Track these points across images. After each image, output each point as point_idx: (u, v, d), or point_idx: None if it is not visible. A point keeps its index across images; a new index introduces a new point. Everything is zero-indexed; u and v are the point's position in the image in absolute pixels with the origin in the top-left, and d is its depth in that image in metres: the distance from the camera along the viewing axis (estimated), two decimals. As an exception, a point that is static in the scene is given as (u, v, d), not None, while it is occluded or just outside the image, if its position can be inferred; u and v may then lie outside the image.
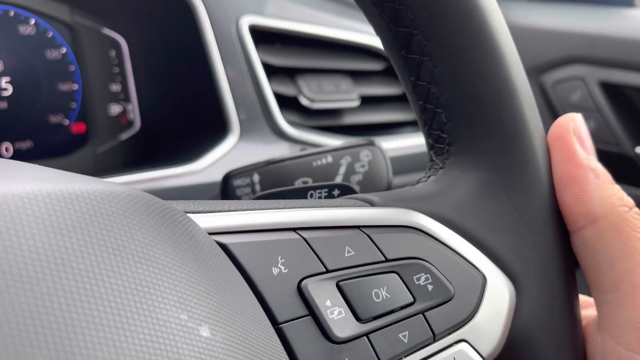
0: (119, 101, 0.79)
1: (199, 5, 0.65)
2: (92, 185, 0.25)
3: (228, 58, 0.67)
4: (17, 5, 0.68)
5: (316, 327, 0.29)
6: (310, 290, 0.29)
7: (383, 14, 0.35)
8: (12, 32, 0.69)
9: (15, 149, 0.71)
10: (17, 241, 0.20)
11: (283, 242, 0.31)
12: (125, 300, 0.21)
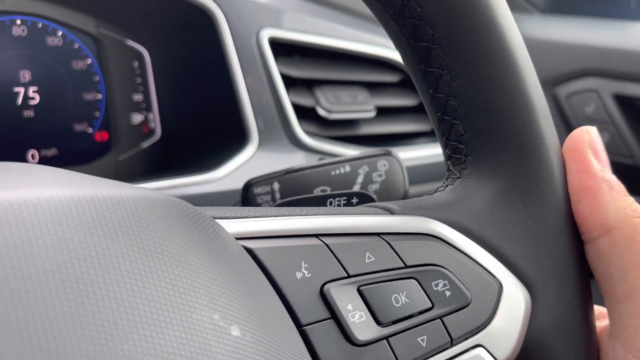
0: (140, 110, 0.81)
1: (220, 18, 0.67)
2: (129, 190, 0.27)
3: (248, 69, 0.69)
4: (45, 17, 0.71)
5: (338, 330, 0.30)
6: (333, 294, 0.30)
7: (403, 29, 0.37)
8: (40, 43, 0.71)
9: (41, 156, 0.74)
10: (64, 243, 0.22)
11: (306, 247, 0.32)
12: (163, 300, 0.23)
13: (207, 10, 0.67)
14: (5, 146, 0.71)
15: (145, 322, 0.22)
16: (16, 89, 0.70)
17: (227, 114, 0.71)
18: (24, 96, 0.71)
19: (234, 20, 0.68)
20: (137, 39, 0.78)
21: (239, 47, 0.69)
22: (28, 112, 0.72)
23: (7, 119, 0.70)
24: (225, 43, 0.68)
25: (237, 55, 0.69)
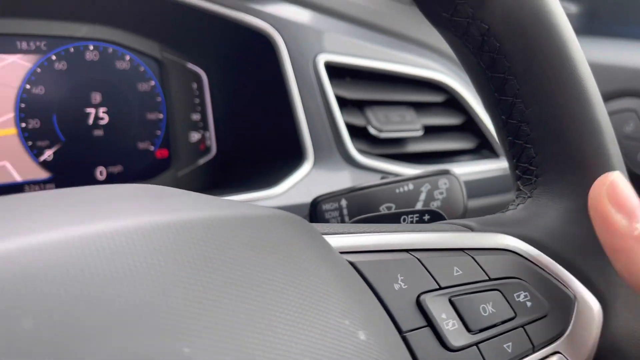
0: (198, 129, 0.85)
1: (280, 43, 0.72)
2: (267, 211, 0.31)
3: (305, 91, 0.73)
4: (115, 43, 0.76)
5: (434, 336, 0.33)
6: (428, 304, 0.34)
7: (480, 62, 0.40)
8: (110, 67, 0.76)
9: (108, 173, 0.78)
10: (235, 258, 0.26)
11: (400, 261, 0.35)
12: (306, 306, 0.26)
13: (268, 36, 0.71)
14: (78, 163, 0.75)
15: (292, 325, 0.26)
16: (88, 110, 0.75)
17: (285, 133, 0.75)
18: (94, 116, 0.76)
19: (293, 46, 0.72)
20: (197, 62, 0.83)
21: (297, 70, 0.73)
22: (98, 131, 0.76)
23: (80, 137, 0.75)
24: (284, 67, 0.72)
25: (295, 78, 0.73)
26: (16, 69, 0.69)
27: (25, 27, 0.69)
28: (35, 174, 0.72)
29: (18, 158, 0.71)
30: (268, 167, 0.78)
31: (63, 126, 0.73)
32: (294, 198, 0.72)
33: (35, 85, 0.70)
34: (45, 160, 0.73)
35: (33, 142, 0.71)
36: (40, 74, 0.71)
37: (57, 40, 0.71)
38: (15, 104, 0.69)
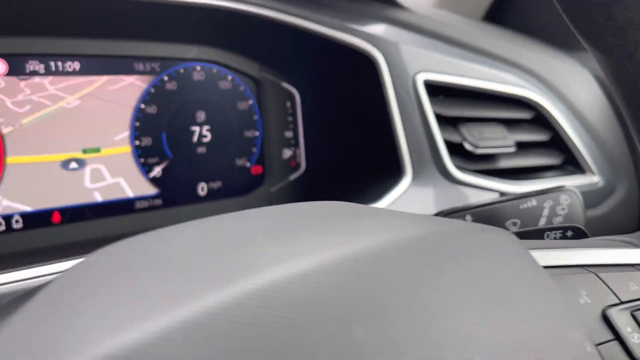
0: (290, 146, 0.87)
1: (382, 63, 0.74)
2: (473, 226, 0.32)
3: (404, 109, 0.75)
4: (219, 64, 0.79)
5: (622, 349, 0.34)
6: (614, 318, 0.35)
7: None
8: (214, 86, 0.79)
9: (208, 188, 0.81)
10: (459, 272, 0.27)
11: (581, 276, 0.36)
12: (552, 315, 0.28)
13: (370, 55, 0.73)
14: (182, 179, 0.78)
15: (536, 339, 0.27)
16: (193, 128, 0.78)
17: (383, 149, 0.77)
18: (198, 134, 0.79)
19: (393, 65, 0.74)
20: (291, 81, 0.86)
21: (396, 88, 0.75)
22: (201, 148, 0.79)
23: (185, 154, 0.78)
24: (385, 85, 0.74)
25: (395, 96, 0.74)
26: (133, 89, 0.72)
27: (142, 49, 0.72)
28: (145, 189, 0.75)
29: (131, 174, 0.74)
30: (365, 182, 0.80)
31: (171, 144, 0.76)
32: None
33: (149, 105, 0.74)
34: (155, 176, 0.76)
35: (144, 159, 0.74)
36: (153, 94, 0.74)
37: (170, 62, 0.75)
38: (131, 123, 0.73)
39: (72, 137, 0.68)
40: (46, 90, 0.66)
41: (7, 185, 0.65)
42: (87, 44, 0.68)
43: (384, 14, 0.78)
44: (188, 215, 0.78)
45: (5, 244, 0.65)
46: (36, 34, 0.65)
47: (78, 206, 0.70)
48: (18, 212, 0.66)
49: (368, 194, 0.77)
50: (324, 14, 0.72)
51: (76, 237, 0.69)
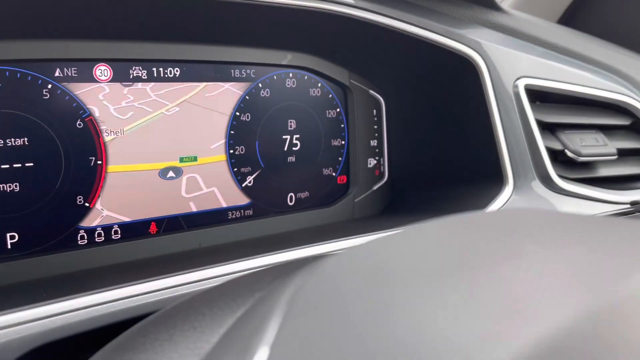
0: (374, 155, 0.85)
1: (483, 68, 0.71)
2: None
3: (505, 115, 0.72)
4: (310, 70, 0.77)
5: None
6: None
7: None
8: (304, 94, 0.77)
9: (296, 198, 0.78)
10: None
11: None
12: None
13: (472, 60, 0.71)
14: (273, 189, 0.76)
15: None
16: (284, 137, 0.76)
17: (481, 157, 0.74)
18: (289, 143, 0.76)
19: (494, 70, 0.72)
20: (378, 89, 0.83)
21: (497, 94, 0.72)
22: (291, 157, 0.77)
23: (276, 163, 0.75)
24: (486, 90, 0.71)
25: (496, 102, 0.71)
26: (229, 96, 0.70)
27: (239, 55, 0.70)
28: (238, 199, 0.73)
29: (225, 184, 0.72)
30: (460, 191, 0.76)
31: (263, 152, 0.74)
32: (500, 224, 0.70)
33: (244, 113, 0.72)
34: (247, 185, 0.73)
35: (238, 169, 0.72)
36: (248, 101, 0.72)
37: (264, 68, 0.73)
38: (227, 131, 0.71)
39: (170, 145, 0.66)
40: (148, 96, 0.64)
41: (107, 195, 0.63)
42: (186, 49, 0.66)
43: (485, 18, 0.76)
44: (277, 226, 0.76)
45: (106, 256, 0.63)
46: (139, 39, 0.63)
47: (174, 216, 0.68)
48: (117, 223, 0.64)
49: (466, 204, 0.74)
50: (424, 17, 0.70)
51: (171, 249, 0.67)
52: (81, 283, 0.54)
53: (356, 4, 0.65)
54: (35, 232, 0.59)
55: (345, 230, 0.73)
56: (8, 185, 0.57)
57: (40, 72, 0.58)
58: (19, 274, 0.57)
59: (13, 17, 0.53)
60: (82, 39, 0.60)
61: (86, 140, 0.61)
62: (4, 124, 0.56)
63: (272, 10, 0.62)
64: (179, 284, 0.53)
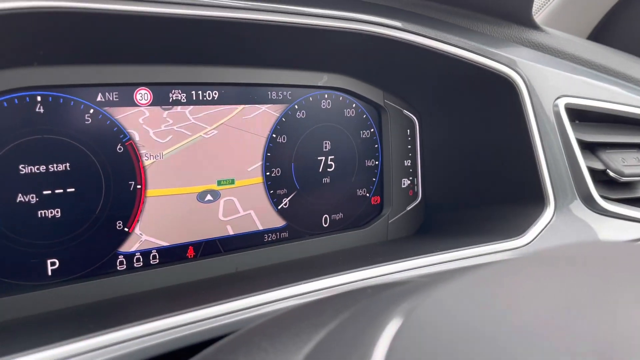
0: (408, 175, 0.84)
1: (522, 87, 0.70)
2: None
3: (545, 134, 0.70)
4: (345, 91, 0.76)
5: None
6: None
7: None
8: (340, 114, 0.76)
9: (330, 220, 0.77)
10: None
11: None
12: None
13: (511, 79, 0.70)
14: (308, 211, 0.75)
15: None
16: (319, 158, 0.75)
17: (521, 177, 0.72)
18: (323, 164, 0.76)
19: (533, 89, 0.70)
20: (411, 108, 0.82)
21: (537, 113, 0.70)
22: (325, 179, 0.76)
23: (311, 185, 0.75)
24: (526, 110, 0.70)
25: (536, 121, 0.70)
26: (266, 118, 0.70)
27: (276, 77, 0.70)
28: (274, 222, 0.72)
29: (261, 206, 0.71)
30: (498, 212, 0.75)
31: (299, 174, 0.73)
32: (542, 247, 0.68)
33: (280, 134, 0.71)
34: (282, 207, 0.72)
35: (274, 191, 0.71)
36: (284, 122, 0.71)
37: (300, 90, 0.72)
38: (263, 153, 0.70)
39: (208, 168, 0.66)
40: (187, 120, 0.64)
41: (146, 219, 0.62)
42: (224, 71, 0.66)
43: (522, 36, 0.75)
44: (312, 248, 0.75)
45: (144, 282, 0.62)
46: (178, 62, 0.63)
47: (211, 240, 0.67)
48: (155, 248, 0.63)
49: (505, 225, 0.72)
50: (461, 36, 0.69)
51: (209, 273, 0.66)
52: (124, 312, 0.53)
53: (403, 26, 0.65)
54: (76, 258, 0.59)
55: (381, 253, 0.72)
56: (50, 211, 0.56)
57: (82, 97, 0.58)
58: (59, 301, 0.56)
59: (56, 43, 0.53)
60: (123, 64, 0.60)
61: (126, 165, 0.61)
62: (47, 149, 0.56)
63: (311, 32, 0.62)
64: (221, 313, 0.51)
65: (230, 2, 0.54)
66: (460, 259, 0.65)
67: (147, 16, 0.50)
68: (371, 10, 0.64)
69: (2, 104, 0.53)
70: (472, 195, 0.80)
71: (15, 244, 0.55)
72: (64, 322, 0.51)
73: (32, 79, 0.54)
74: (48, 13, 0.46)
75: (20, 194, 0.54)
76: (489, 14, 0.75)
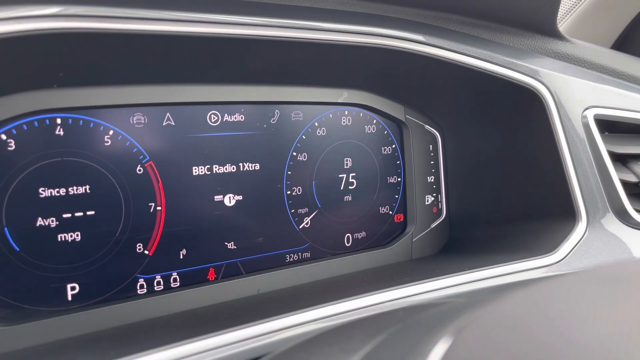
0: (432, 192, 0.82)
1: (548, 99, 0.68)
2: None
3: (574, 147, 0.68)
4: (366, 107, 0.75)
5: None
6: None
7: None
8: (360, 131, 0.75)
9: (353, 239, 0.76)
10: None
11: None
12: None
13: (537, 91, 0.68)
14: (330, 230, 0.73)
15: None
16: (340, 175, 0.73)
17: (550, 192, 0.70)
18: (345, 182, 0.74)
19: (561, 101, 0.68)
20: (433, 123, 0.81)
21: (566, 126, 0.68)
22: (347, 197, 0.74)
23: (333, 204, 0.73)
24: (553, 122, 0.68)
25: (564, 134, 0.68)
26: (286, 137, 0.69)
27: (294, 95, 0.69)
28: (295, 242, 0.70)
29: (282, 227, 0.69)
30: (527, 229, 0.72)
31: (320, 192, 0.72)
32: (575, 264, 0.65)
33: (300, 153, 0.70)
34: (304, 227, 0.71)
35: (295, 210, 0.70)
36: (304, 140, 0.70)
37: (320, 107, 0.71)
38: (284, 173, 0.69)
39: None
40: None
41: (166, 241, 0.61)
42: (245, 90, 0.65)
43: (547, 47, 0.73)
44: (335, 269, 0.73)
45: (165, 306, 0.60)
46: (197, 81, 0.62)
47: (232, 262, 0.66)
48: (176, 271, 0.62)
49: (535, 241, 0.70)
50: (484, 49, 0.67)
51: (230, 295, 0.65)
52: (146, 337, 0.52)
53: (425, 40, 0.63)
54: (96, 282, 0.57)
55: (407, 273, 0.70)
56: (70, 235, 0.55)
57: (101, 119, 0.57)
58: (79, 326, 0.55)
59: (75, 65, 0.52)
60: (142, 84, 0.59)
61: (146, 186, 0.60)
62: (67, 172, 0.55)
63: (332, 48, 0.61)
64: (245, 337, 0.50)
65: (250, 19, 0.54)
66: (491, 277, 0.62)
67: (167, 35, 0.50)
68: (392, 24, 0.63)
69: (22, 127, 0.53)
70: (498, 211, 0.78)
71: (35, 268, 0.54)
72: (84, 349, 0.50)
73: (52, 101, 0.54)
74: (68, 34, 0.46)
75: (40, 217, 0.54)
76: (512, 25, 0.73)
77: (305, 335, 0.49)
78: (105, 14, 0.46)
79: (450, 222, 0.84)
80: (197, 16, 0.51)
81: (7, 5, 0.43)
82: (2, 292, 0.53)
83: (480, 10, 0.71)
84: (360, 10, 0.65)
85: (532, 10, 0.70)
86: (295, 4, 0.61)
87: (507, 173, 0.76)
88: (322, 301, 0.56)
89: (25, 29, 0.44)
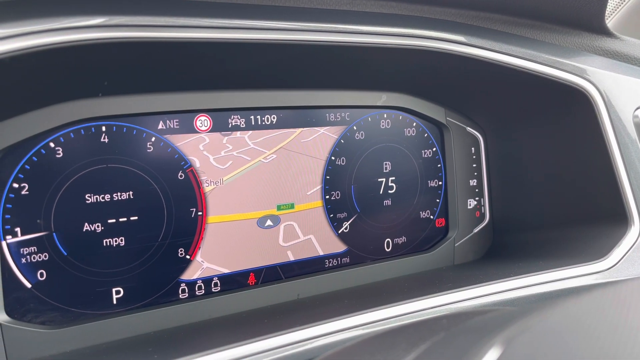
0: (474, 196, 0.80)
1: (597, 98, 0.65)
2: None
3: (625, 148, 0.65)
4: (406, 110, 0.74)
5: None
6: None
7: None
8: (399, 134, 0.74)
9: (393, 244, 0.75)
10: None
11: None
12: None
13: (584, 91, 0.65)
14: (369, 234, 0.72)
15: None
16: (380, 179, 0.73)
17: (599, 195, 0.67)
18: (384, 186, 0.73)
19: (611, 100, 0.66)
20: (475, 125, 0.79)
21: (616, 126, 0.65)
22: (387, 201, 0.73)
23: (372, 208, 0.72)
24: (602, 122, 0.65)
25: (614, 134, 0.65)
26: (324, 141, 0.68)
27: (334, 99, 0.68)
28: (334, 247, 0.70)
29: (321, 231, 0.69)
30: (576, 233, 0.70)
31: (359, 197, 0.71)
32: (628, 270, 0.62)
33: (339, 157, 0.69)
34: (343, 232, 0.70)
35: (334, 215, 0.69)
36: (343, 144, 0.70)
37: (358, 110, 0.71)
38: (322, 176, 0.68)
39: (268, 193, 0.65)
40: (246, 145, 0.63)
41: (207, 246, 0.62)
42: (282, 95, 0.65)
43: (595, 45, 0.70)
44: (375, 274, 0.72)
45: (206, 310, 0.61)
46: (237, 87, 0.63)
47: (272, 266, 0.66)
48: (217, 275, 0.63)
49: (583, 247, 0.67)
50: (529, 48, 0.65)
51: (270, 300, 0.65)
52: (188, 342, 0.52)
53: (467, 40, 0.62)
54: (139, 287, 0.58)
55: (449, 279, 0.68)
56: (114, 240, 0.57)
57: (144, 126, 0.58)
58: (123, 329, 0.56)
59: (119, 74, 0.54)
60: (183, 91, 0.60)
61: (187, 192, 0.60)
62: (111, 178, 0.56)
63: (371, 51, 0.60)
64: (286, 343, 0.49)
65: (288, 24, 0.54)
66: (538, 284, 0.60)
67: (207, 42, 0.50)
68: (432, 25, 0.61)
69: (69, 135, 0.55)
70: (544, 215, 0.75)
71: (82, 272, 0.55)
72: (128, 352, 0.51)
73: (98, 109, 0.56)
74: (113, 44, 0.47)
75: (87, 223, 0.55)
76: (557, 23, 0.71)
77: (345, 342, 0.49)
78: (148, 23, 0.47)
79: (493, 227, 0.81)
80: (239, 23, 0.51)
81: (54, 17, 0.44)
82: (50, 295, 0.54)
83: (524, 8, 0.69)
84: (400, 12, 0.64)
85: (578, 7, 0.67)
86: (336, 8, 0.61)
87: (554, 176, 0.73)
88: (362, 307, 0.55)
89: (72, 39, 0.45)
